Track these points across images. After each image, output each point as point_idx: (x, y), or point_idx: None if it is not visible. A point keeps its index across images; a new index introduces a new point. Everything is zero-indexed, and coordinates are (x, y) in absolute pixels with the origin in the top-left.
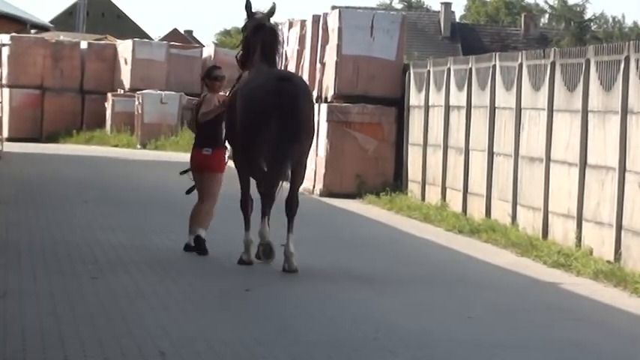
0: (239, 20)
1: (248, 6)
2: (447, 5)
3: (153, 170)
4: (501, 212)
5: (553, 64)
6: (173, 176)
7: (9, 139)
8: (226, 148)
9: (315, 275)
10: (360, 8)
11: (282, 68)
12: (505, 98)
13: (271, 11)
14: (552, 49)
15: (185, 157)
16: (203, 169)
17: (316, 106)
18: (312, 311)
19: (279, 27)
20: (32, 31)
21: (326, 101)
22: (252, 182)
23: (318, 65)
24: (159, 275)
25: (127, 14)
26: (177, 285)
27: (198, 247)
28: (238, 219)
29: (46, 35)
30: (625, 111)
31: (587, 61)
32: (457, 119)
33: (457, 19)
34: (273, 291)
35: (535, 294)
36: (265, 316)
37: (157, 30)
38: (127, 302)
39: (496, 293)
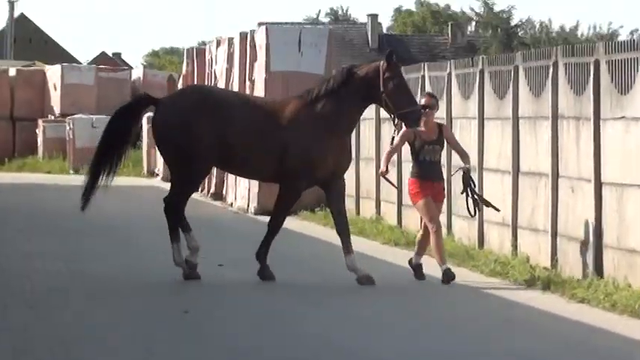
0: (166, 41)
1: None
2: (374, 17)
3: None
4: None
5: (482, 72)
6: (105, 201)
7: None
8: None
9: (252, 293)
10: (286, 24)
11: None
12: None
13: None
14: (480, 57)
15: (116, 180)
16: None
17: None
18: (252, 329)
19: (207, 50)
20: None
21: None
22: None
23: (248, 83)
24: (98, 301)
25: (55, 39)
26: (116, 309)
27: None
28: None
29: None
30: (555, 116)
31: (516, 68)
32: (389, 132)
33: (384, 31)
34: (213, 310)
35: (474, 303)
36: (204, 336)
37: (85, 54)
38: (65, 330)
39: (435, 304)
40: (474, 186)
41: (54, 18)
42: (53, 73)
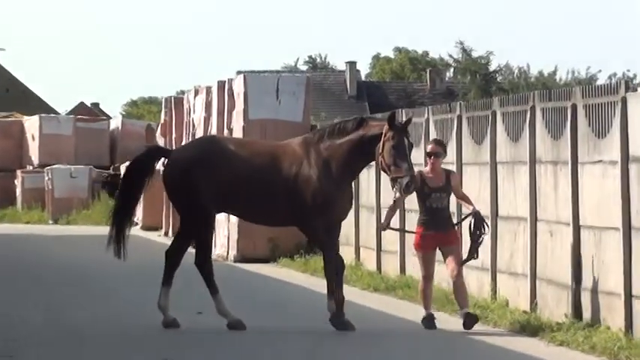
0: (145, 91)
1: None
2: (352, 64)
3: (65, 245)
4: (416, 269)
5: (460, 118)
6: (85, 250)
7: None
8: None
9: (232, 340)
10: (265, 72)
11: (190, 136)
12: (413, 155)
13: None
14: (458, 102)
15: (95, 230)
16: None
17: None
18: None
19: (186, 99)
20: None
21: None
22: None
23: (226, 131)
24: (76, 350)
25: (32, 89)
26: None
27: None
28: None
29: None
30: (533, 161)
31: (494, 113)
32: (367, 178)
33: (363, 78)
34: (192, 357)
35: (454, 347)
36: None
37: (63, 104)
38: None
39: (416, 348)
40: (485, 231)
41: (31, 68)
42: (31, 123)
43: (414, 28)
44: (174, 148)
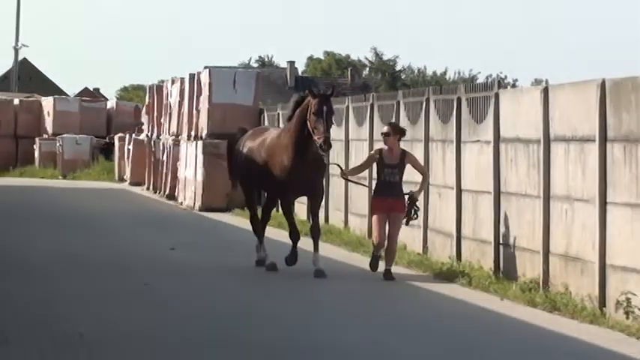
0: (134, 79)
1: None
2: (292, 63)
3: (71, 195)
4: (336, 219)
5: (372, 106)
6: (86, 199)
7: None
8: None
9: (198, 272)
10: (225, 67)
11: (167, 115)
12: (337, 132)
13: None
14: (371, 94)
15: (95, 184)
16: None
17: (193, 143)
18: (196, 297)
19: (165, 86)
20: None
21: (201, 139)
22: None
23: (195, 112)
24: (69, 271)
25: (49, 77)
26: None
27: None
28: None
29: None
30: (427, 139)
31: (398, 103)
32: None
33: (299, 73)
34: (168, 282)
35: (361, 281)
36: (162, 302)
37: (72, 88)
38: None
39: (340, 282)
40: (415, 210)
41: (48, 60)
42: (47, 103)
43: (340, 36)
44: (174, 127)
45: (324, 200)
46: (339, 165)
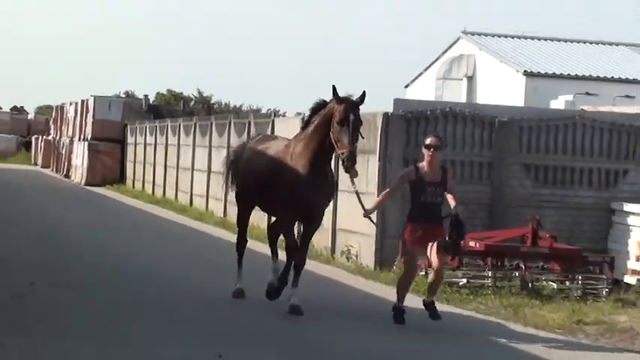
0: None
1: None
2: (146, 95)
3: (2, 173)
4: (170, 193)
5: (195, 124)
6: (13, 175)
7: None
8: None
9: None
10: (104, 96)
11: (67, 126)
12: (169, 140)
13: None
14: (195, 117)
15: (19, 166)
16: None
17: (82, 142)
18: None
19: (65, 107)
20: None
21: (87, 140)
22: None
23: (84, 123)
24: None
25: None
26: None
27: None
28: None
29: None
30: (228, 147)
31: (211, 123)
32: (151, 150)
33: (151, 102)
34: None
35: (182, 235)
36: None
37: (5, 104)
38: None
39: (182, 242)
40: (462, 233)
41: None
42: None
43: (177, 79)
44: (70, 133)
45: (162, 181)
46: (360, 200)
